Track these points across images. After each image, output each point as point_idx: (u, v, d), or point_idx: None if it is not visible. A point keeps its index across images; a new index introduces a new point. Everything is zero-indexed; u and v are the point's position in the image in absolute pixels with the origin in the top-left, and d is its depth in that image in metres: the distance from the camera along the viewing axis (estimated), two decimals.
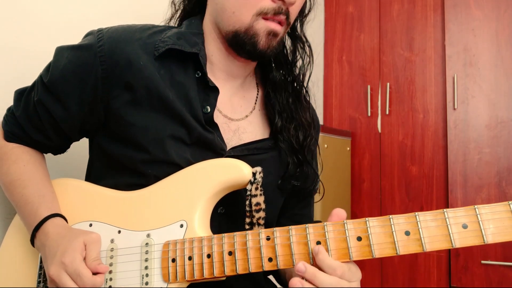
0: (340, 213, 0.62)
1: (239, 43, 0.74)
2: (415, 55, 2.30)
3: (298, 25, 0.86)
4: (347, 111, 2.46)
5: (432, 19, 2.27)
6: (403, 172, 2.28)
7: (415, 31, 2.31)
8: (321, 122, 2.51)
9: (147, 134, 0.73)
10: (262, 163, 0.78)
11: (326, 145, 2.08)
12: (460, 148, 2.13)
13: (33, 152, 0.82)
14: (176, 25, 0.88)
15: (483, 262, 2.01)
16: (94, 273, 0.65)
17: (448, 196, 2.13)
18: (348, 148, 2.37)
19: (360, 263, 0.63)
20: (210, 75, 0.78)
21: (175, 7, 0.88)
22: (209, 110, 0.75)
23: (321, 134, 2.02)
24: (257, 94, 0.87)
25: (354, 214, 2.38)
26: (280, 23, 0.74)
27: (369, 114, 2.38)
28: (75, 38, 0.83)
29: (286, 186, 0.83)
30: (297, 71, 0.86)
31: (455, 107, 2.14)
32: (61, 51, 0.78)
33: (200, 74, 0.76)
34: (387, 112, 2.34)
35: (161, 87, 0.73)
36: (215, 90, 0.76)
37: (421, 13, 2.30)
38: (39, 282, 0.73)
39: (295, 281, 0.58)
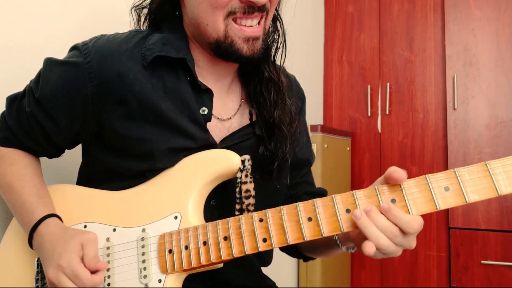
0: (396, 174, 0.60)
1: (224, 53, 0.74)
2: (415, 55, 2.30)
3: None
4: (347, 111, 2.46)
5: (432, 19, 2.27)
6: None
7: (415, 31, 2.31)
8: (321, 122, 2.51)
9: (144, 145, 0.72)
10: (252, 148, 0.79)
11: (326, 145, 2.08)
12: (460, 148, 2.13)
13: (29, 155, 0.82)
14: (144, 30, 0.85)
15: (483, 262, 2.01)
16: (93, 272, 0.65)
17: None
18: (348, 148, 2.37)
19: (360, 263, 0.64)
20: (199, 78, 0.77)
21: (137, 14, 0.85)
22: (206, 112, 0.75)
23: (321, 134, 2.02)
24: (240, 87, 0.87)
25: None
26: (258, 23, 0.73)
27: (369, 114, 2.39)
28: (66, 39, 0.82)
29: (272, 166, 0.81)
30: (272, 51, 0.83)
31: (455, 107, 2.14)
32: (50, 65, 0.77)
33: (190, 78, 0.76)
34: (387, 112, 2.34)
35: (153, 99, 0.72)
36: (208, 92, 0.76)
37: (421, 13, 2.30)
38: (36, 281, 0.73)
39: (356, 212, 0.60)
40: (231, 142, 0.78)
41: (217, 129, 0.78)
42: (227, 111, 0.82)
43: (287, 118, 0.82)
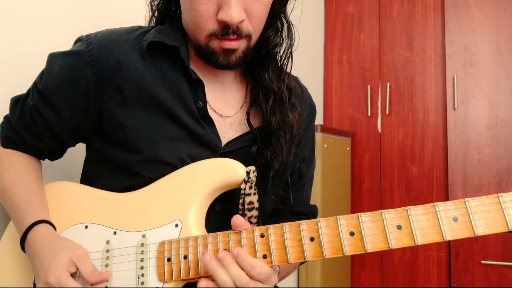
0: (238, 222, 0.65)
1: (203, 57, 0.75)
2: (415, 55, 2.30)
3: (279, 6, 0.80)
4: (347, 111, 2.46)
5: (432, 19, 2.27)
6: (403, 172, 2.28)
7: (415, 31, 2.31)
8: (321, 122, 2.51)
9: (139, 135, 0.73)
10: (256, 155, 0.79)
11: (326, 145, 2.08)
12: (460, 148, 2.13)
13: (28, 158, 0.82)
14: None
15: (483, 262, 2.01)
16: (93, 284, 0.65)
17: (448, 196, 2.12)
18: (348, 148, 2.37)
19: (360, 263, 0.64)
20: (198, 72, 0.78)
21: (152, 10, 0.86)
22: (201, 105, 0.76)
23: (321, 134, 2.03)
24: (246, 86, 0.86)
25: None
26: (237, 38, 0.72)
27: (369, 114, 2.39)
28: (71, 41, 0.83)
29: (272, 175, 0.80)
30: (280, 55, 0.82)
31: (455, 107, 2.14)
32: (53, 58, 0.78)
33: (184, 68, 0.76)
34: (387, 112, 2.34)
35: (151, 87, 0.74)
36: (200, 83, 0.76)
37: (421, 13, 2.30)
38: (35, 285, 0.74)
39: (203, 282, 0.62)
40: (236, 146, 0.78)
41: (218, 124, 0.78)
42: (229, 107, 0.82)
43: (286, 127, 0.80)
